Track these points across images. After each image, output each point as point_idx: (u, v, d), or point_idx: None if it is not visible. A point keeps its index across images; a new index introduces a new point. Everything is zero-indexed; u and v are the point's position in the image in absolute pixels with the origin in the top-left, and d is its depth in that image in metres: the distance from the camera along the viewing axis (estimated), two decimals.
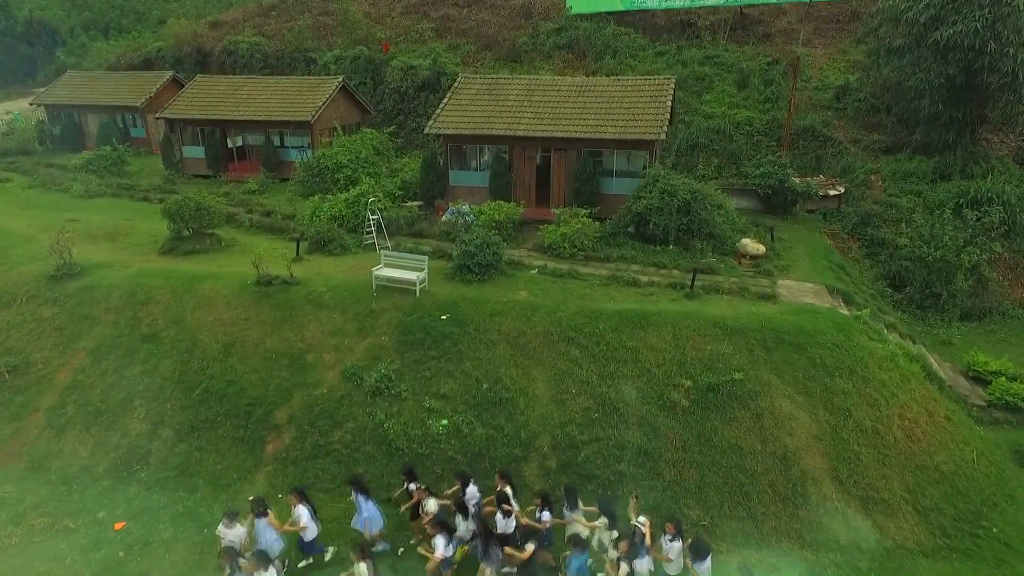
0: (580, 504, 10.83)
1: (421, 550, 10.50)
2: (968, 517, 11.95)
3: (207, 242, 18.89)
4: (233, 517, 10.44)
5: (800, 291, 16.27)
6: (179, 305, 15.74)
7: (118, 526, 11.87)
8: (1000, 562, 11.18)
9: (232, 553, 9.76)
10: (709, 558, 9.64)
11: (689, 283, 16.10)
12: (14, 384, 14.60)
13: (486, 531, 10.32)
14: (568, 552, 10.08)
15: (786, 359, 13.81)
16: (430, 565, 10.10)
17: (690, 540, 9.95)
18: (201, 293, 15.97)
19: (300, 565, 11.13)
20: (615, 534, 10.17)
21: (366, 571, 9.53)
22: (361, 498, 11.05)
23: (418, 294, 15.48)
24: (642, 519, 10.25)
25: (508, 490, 10.88)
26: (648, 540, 10.00)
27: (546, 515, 10.68)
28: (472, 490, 11.09)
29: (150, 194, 24.05)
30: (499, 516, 10.65)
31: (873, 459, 12.56)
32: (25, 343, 15.37)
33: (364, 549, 9.81)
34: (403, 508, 11.39)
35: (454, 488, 11.21)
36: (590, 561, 10.13)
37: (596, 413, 13.25)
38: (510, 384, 13.76)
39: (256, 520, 10.55)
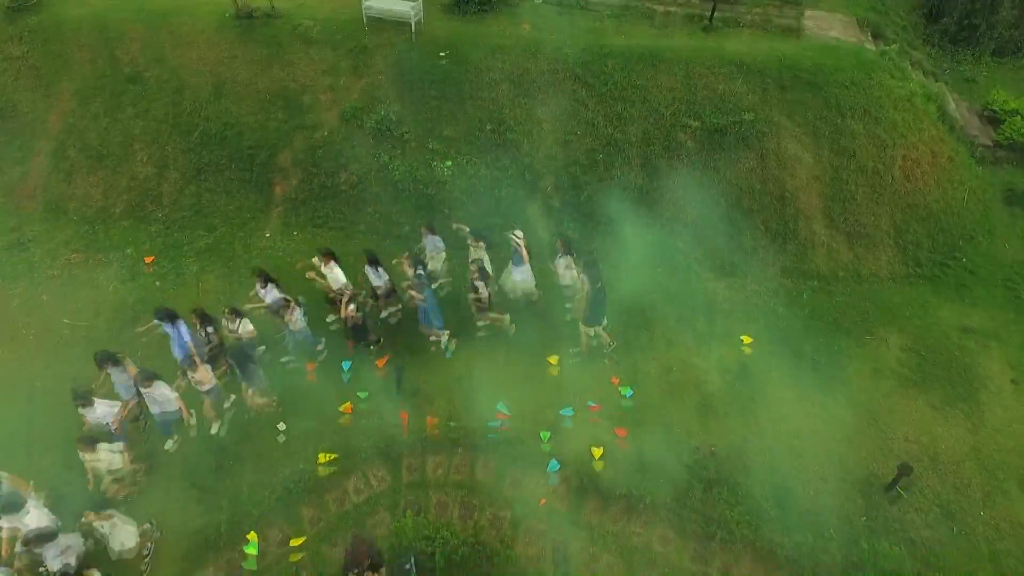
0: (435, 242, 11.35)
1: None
2: (943, 250, 12.73)
3: None
4: (86, 398, 9.02)
5: (828, 23, 15.01)
6: (157, 43, 14.61)
7: (148, 260, 12.69)
8: (961, 287, 12.23)
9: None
10: (598, 271, 10.43)
11: (708, 15, 14.76)
12: (6, 128, 14.25)
13: (238, 353, 9.79)
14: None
15: (800, 99, 13.33)
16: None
17: (584, 259, 10.69)
18: (177, 29, 14.69)
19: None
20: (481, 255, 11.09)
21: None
22: (170, 327, 9.93)
23: (413, 29, 14.27)
24: (518, 232, 11.02)
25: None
26: (524, 253, 10.91)
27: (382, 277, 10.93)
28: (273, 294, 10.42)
29: None
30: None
31: (867, 198, 12.91)
32: (4, 85, 14.61)
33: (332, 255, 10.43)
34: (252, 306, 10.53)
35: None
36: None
37: (600, 154, 13.24)
38: (514, 125, 13.48)
39: (111, 371, 9.57)
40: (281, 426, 10.18)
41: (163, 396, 9.32)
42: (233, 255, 12.72)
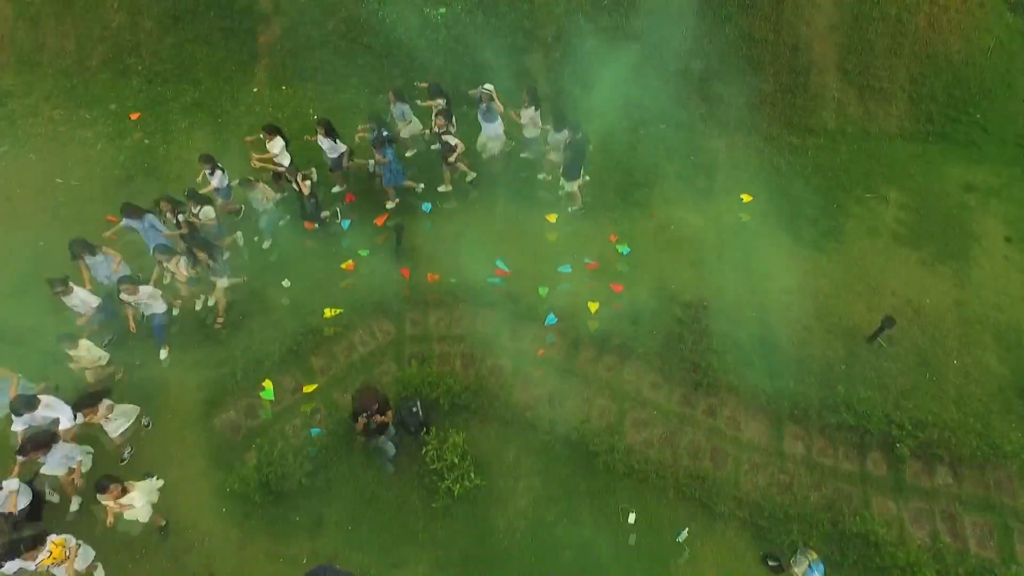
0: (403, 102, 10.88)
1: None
2: (958, 105, 12.28)
3: None
4: (65, 284, 8.76)
5: None
6: None
7: (134, 116, 12.25)
8: (970, 144, 11.96)
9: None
10: (565, 131, 10.23)
11: None
12: None
13: (204, 240, 9.64)
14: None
15: None
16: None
17: (555, 111, 10.53)
18: None
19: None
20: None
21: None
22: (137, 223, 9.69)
23: None
24: (488, 86, 10.60)
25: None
26: (498, 105, 10.58)
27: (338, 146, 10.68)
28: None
29: None
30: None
31: (885, 49, 12.21)
32: None
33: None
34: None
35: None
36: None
37: (605, 0, 12.31)
38: None
39: (88, 260, 9.37)
40: (286, 283, 10.41)
41: (148, 297, 9.15)
42: (221, 111, 12.28)
